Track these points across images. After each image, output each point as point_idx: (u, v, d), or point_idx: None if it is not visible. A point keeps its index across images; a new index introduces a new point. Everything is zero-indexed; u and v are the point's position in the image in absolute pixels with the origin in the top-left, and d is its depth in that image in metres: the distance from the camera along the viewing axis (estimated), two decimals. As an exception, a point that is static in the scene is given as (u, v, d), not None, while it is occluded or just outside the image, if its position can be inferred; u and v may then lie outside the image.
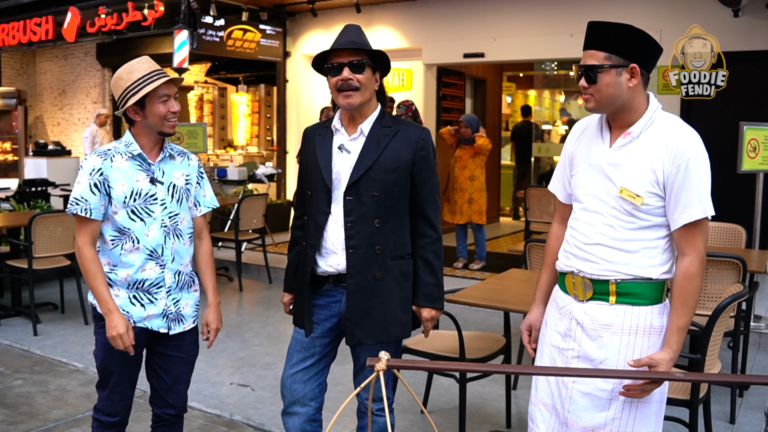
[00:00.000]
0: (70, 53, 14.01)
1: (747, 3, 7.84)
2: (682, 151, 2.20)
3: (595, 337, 2.33)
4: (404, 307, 2.80)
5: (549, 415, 2.46)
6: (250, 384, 4.88)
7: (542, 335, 2.55)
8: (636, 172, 2.26)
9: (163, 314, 2.83)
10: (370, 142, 2.72)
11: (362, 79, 2.68)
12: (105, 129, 12.10)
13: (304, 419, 2.87)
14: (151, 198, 2.79)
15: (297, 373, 2.86)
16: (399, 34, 10.21)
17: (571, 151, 2.50)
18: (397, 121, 2.81)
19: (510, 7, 9.37)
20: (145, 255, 2.78)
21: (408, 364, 2.12)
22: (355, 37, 2.72)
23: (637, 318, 2.29)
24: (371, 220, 2.69)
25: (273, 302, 7.37)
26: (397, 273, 2.76)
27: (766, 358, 5.61)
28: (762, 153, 5.88)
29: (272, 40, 10.79)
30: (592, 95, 2.29)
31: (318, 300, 2.83)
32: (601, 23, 2.28)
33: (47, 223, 6.14)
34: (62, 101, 14.39)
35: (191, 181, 2.94)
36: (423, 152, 2.76)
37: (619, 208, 2.29)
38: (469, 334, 4.03)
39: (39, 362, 5.33)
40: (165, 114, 2.75)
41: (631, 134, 2.29)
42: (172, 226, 2.83)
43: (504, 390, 4.64)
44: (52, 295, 7.13)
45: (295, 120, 11.43)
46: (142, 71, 2.74)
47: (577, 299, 2.38)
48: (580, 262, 2.36)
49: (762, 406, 4.56)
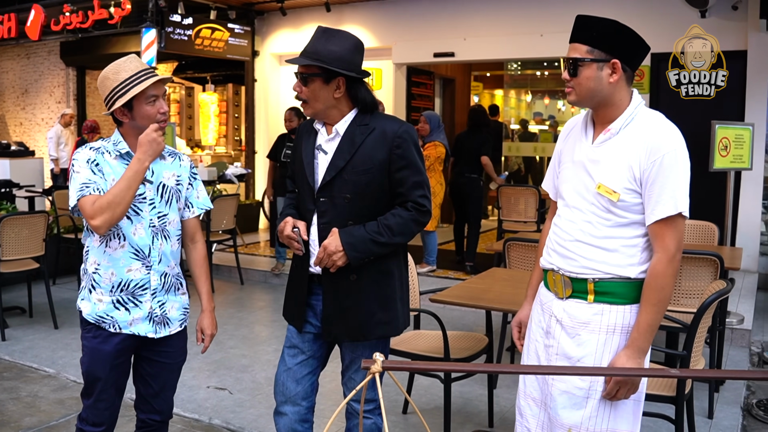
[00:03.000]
0: (33, 52, 13.71)
1: (714, 4, 7.97)
2: (658, 146, 2.20)
3: (573, 335, 2.33)
4: (385, 305, 2.75)
5: (538, 409, 2.46)
6: (228, 387, 4.81)
7: (528, 331, 2.55)
8: (613, 168, 2.26)
9: (149, 317, 2.76)
10: (344, 142, 2.68)
11: (308, 92, 2.66)
12: (70, 129, 11.88)
13: (295, 419, 2.83)
14: (140, 197, 2.71)
15: (291, 369, 2.82)
16: (369, 33, 10.17)
17: (560, 149, 2.52)
18: (377, 117, 2.71)
19: (480, 6, 9.40)
20: (131, 253, 2.71)
21: (404, 365, 2.09)
22: (317, 45, 2.64)
23: (614, 317, 2.29)
24: (344, 221, 2.66)
25: (246, 304, 7.29)
26: (374, 273, 2.72)
27: (737, 353, 5.69)
28: (733, 151, 5.97)
29: (241, 39, 10.68)
30: (573, 88, 2.30)
31: (309, 299, 2.80)
32: (588, 17, 2.28)
33: (14, 225, 5.99)
34: (25, 101, 14.09)
35: (182, 182, 2.86)
36: (399, 150, 2.64)
37: (598, 204, 2.29)
38: (452, 334, 4.01)
39: (8, 368, 5.19)
40: (154, 115, 2.68)
41: (610, 131, 2.29)
42: (160, 227, 2.76)
43: (484, 389, 4.65)
44: (20, 298, 6.95)
45: (264, 120, 11.33)
46: (130, 71, 2.65)
47: (558, 296, 2.39)
48: (561, 260, 2.36)
49: (737, 400, 4.63)
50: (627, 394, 2.24)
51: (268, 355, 5.51)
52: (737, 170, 6.30)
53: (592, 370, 2.26)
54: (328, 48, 2.62)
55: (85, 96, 13.45)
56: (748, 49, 7.92)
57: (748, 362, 5.57)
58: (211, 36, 10.11)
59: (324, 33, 2.67)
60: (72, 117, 11.88)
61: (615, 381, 2.22)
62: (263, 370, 5.16)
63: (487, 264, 8.11)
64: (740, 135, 6.09)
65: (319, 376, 2.92)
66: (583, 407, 2.29)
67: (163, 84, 2.71)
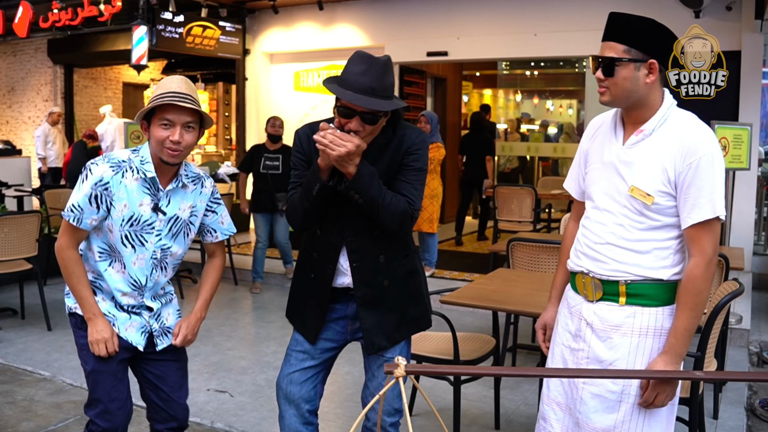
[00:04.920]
0: (20, 49, 13.54)
1: (708, 4, 7.98)
2: (694, 148, 2.16)
3: (605, 338, 2.29)
4: (415, 302, 2.75)
5: (563, 414, 2.42)
6: (228, 390, 4.75)
7: (554, 334, 2.51)
8: (647, 170, 2.21)
9: (145, 330, 2.74)
10: (366, 155, 2.56)
11: (368, 130, 2.49)
12: (57, 128, 11.76)
13: (299, 421, 2.76)
14: (149, 226, 2.63)
15: (293, 374, 2.75)
16: (361, 32, 10.12)
17: (585, 148, 2.47)
18: (397, 129, 2.63)
19: (474, 5, 9.36)
20: (129, 282, 2.67)
21: (427, 369, 2.05)
22: (376, 82, 2.42)
23: (647, 319, 2.25)
24: (372, 232, 2.62)
25: (240, 304, 7.22)
26: (403, 273, 2.72)
27: (737, 353, 5.69)
28: (732, 151, 5.97)
29: (232, 37, 10.59)
30: (608, 88, 2.24)
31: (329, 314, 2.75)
32: (623, 15, 2.23)
33: (5, 224, 5.88)
34: (11, 99, 13.91)
35: (197, 212, 2.76)
36: (409, 156, 2.61)
37: (630, 207, 2.24)
38: (459, 336, 3.96)
39: (2, 371, 5.09)
40: (162, 140, 2.52)
41: (643, 132, 2.25)
42: (161, 258, 2.71)
43: (487, 390, 4.62)
44: (10, 300, 6.84)
45: (255, 119, 11.24)
46: (164, 88, 2.54)
47: (587, 299, 2.35)
48: (591, 262, 2.32)
49: (740, 401, 4.63)
50: (665, 400, 2.20)
51: (267, 357, 5.45)
52: (735, 170, 6.30)
53: (619, 373, 2.23)
54: (390, 81, 2.49)
55: (73, 94, 13.31)
56: (742, 49, 7.94)
57: (747, 362, 5.57)
58: (202, 34, 10.01)
59: (385, 66, 2.47)
60: (60, 115, 11.75)
61: (653, 387, 2.18)
62: (263, 372, 5.09)
63: (481, 264, 8.12)
64: (738, 135, 6.10)
65: (324, 381, 2.85)
66: (616, 411, 2.26)
67: (183, 112, 2.53)
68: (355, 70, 2.44)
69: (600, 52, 2.25)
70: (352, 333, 2.76)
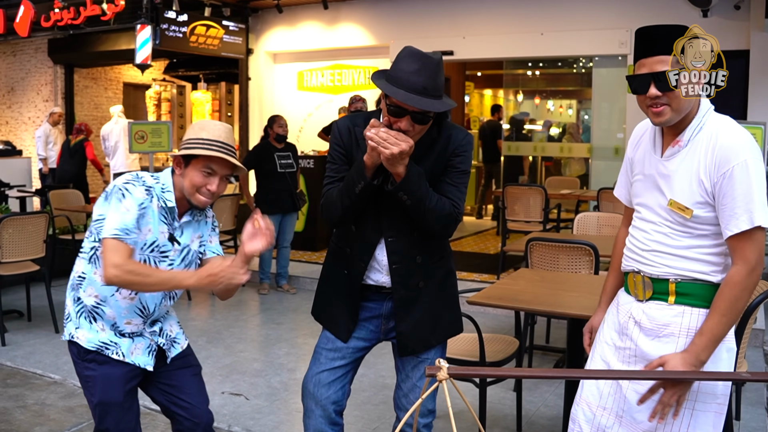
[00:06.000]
0: (19, 49, 13.46)
1: (716, 3, 7.96)
2: (727, 158, 2.09)
3: (653, 337, 2.26)
4: (450, 306, 2.71)
5: (592, 415, 2.38)
6: (243, 393, 4.68)
7: (599, 334, 2.48)
8: (684, 183, 2.17)
9: (151, 349, 2.69)
10: (411, 155, 2.47)
11: (418, 130, 2.42)
12: (58, 128, 11.66)
13: (325, 422, 2.70)
14: (162, 255, 2.60)
15: (322, 374, 2.69)
16: (366, 31, 10.08)
17: (630, 156, 2.44)
18: (443, 128, 2.57)
19: (479, 5, 9.32)
20: (137, 308, 2.61)
21: (470, 372, 2.00)
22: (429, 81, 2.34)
23: (696, 319, 2.21)
24: (411, 233, 2.57)
25: (249, 305, 7.16)
26: (441, 274, 2.68)
27: (752, 353, 5.65)
28: (747, 150, 5.92)
29: (235, 36, 10.54)
30: (669, 104, 2.15)
31: (361, 312, 2.70)
32: (655, 27, 2.18)
33: (10, 225, 5.81)
34: (11, 99, 13.82)
35: (204, 242, 2.76)
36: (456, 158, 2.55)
37: (672, 220, 2.21)
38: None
39: (11, 374, 5.02)
40: (199, 186, 2.53)
41: (680, 143, 2.20)
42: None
43: (506, 392, 4.56)
44: (16, 302, 6.76)
45: (258, 118, 11.19)
46: (211, 134, 2.52)
47: (638, 299, 2.31)
48: (640, 265, 2.30)
49: (761, 401, 4.59)
50: (670, 400, 2.15)
51: (280, 359, 5.39)
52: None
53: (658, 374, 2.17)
54: (442, 80, 2.42)
55: (74, 94, 13.23)
56: (751, 48, 7.92)
57: (763, 362, 5.54)
58: (206, 33, 9.96)
59: (438, 65, 2.40)
60: (60, 116, 11.65)
61: (661, 384, 2.14)
62: (277, 375, 5.03)
63: (490, 264, 8.07)
64: (752, 135, 6.04)
65: (351, 382, 2.79)
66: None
67: (227, 165, 2.54)
68: (408, 69, 2.36)
69: (648, 69, 2.18)
70: (386, 333, 2.70)
